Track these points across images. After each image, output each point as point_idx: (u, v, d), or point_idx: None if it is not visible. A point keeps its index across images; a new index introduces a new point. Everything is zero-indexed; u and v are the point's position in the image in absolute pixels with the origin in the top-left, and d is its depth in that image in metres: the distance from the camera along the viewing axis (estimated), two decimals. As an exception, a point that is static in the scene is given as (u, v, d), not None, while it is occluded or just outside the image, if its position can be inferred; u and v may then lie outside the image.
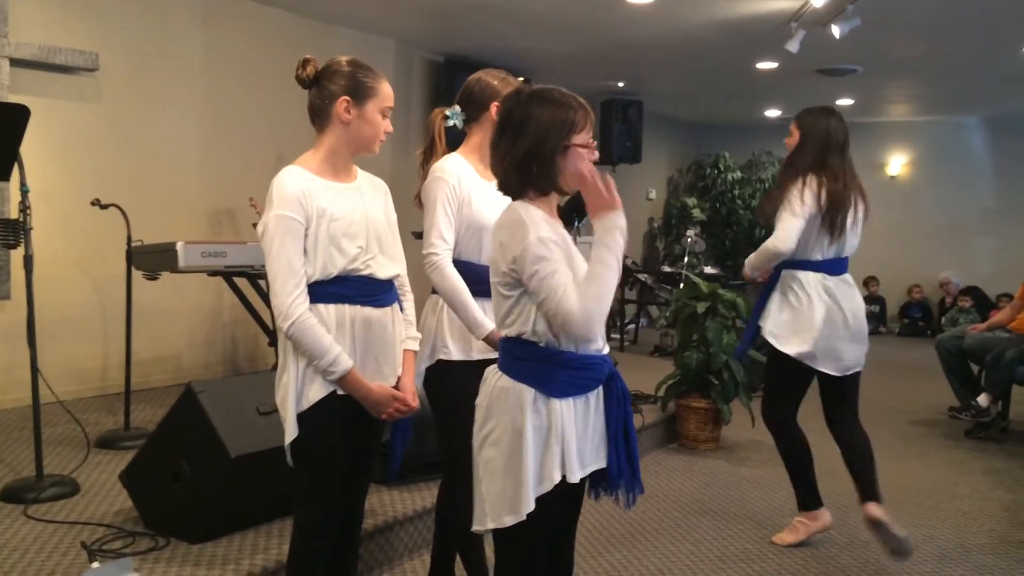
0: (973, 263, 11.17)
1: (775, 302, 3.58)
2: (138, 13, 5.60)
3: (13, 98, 4.57)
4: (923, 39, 6.93)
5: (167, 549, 2.90)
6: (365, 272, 2.24)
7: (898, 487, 4.51)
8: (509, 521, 1.90)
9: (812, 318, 3.45)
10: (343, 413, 2.21)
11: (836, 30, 5.86)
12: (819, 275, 3.51)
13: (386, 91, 2.30)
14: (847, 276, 3.57)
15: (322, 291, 2.18)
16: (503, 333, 2.00)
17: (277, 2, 6.35)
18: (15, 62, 4.88)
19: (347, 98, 2.23)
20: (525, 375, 1.92)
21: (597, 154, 2.03)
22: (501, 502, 1.91)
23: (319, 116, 2.29)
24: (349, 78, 2.24)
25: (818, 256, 3.51)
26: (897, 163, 11.84)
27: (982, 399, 5.77)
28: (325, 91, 2.24)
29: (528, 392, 1.91)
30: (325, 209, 2.19)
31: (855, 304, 3.53)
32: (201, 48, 6.01)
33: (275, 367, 2.34)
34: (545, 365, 1.92)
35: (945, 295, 11.07)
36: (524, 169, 1.96)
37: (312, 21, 6.76)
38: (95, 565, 2.66)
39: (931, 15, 6.22)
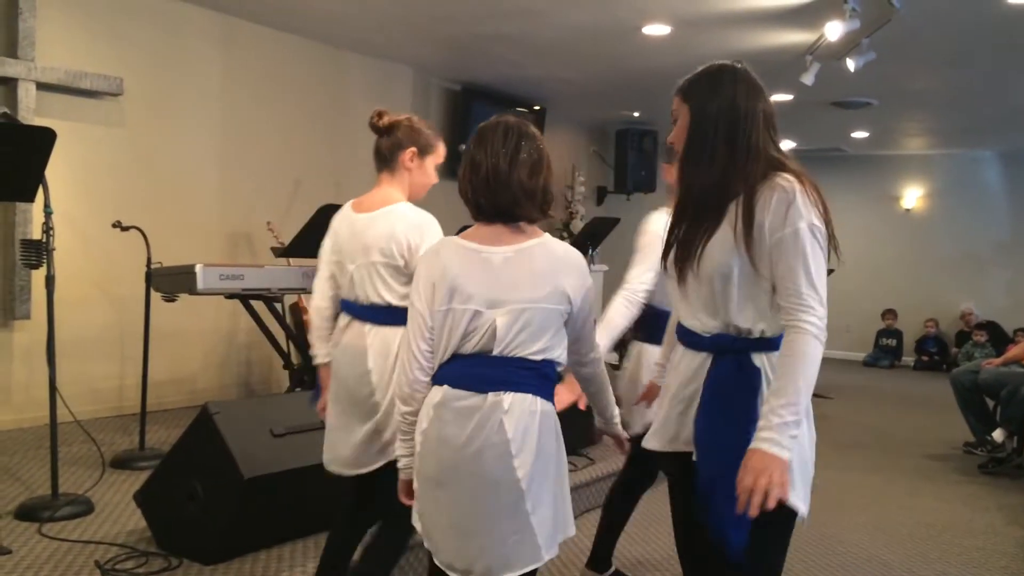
0: (988, 296, 11.12)
1: None
2: (160, 39, 5.70)
3: (39, 121, 4.66)
4: (938, 73, 6.96)
5: (180, 569, 2.92)
6: None
7: (912, 522, 4.47)
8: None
9: None
10: None
11: (851, 64, 5.90)
12: None
13: (441, 150, 2.66)
14: None
15: None
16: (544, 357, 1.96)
17: (296, 29, 6.45)
18: (41, 86, 4.98)
19: (414, 149, 2.57)
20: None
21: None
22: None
23: (385, 160, 2.59)
24: (418, 134, 2.58)
25: None
26: (912, 196, 11.83)
27: (997, 434, 5.73)
28: (396, 141, 2.57)
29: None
30: None
31: None
32: (221, 73, 6.10)
33: (290, 390, 2.38)
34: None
35: (964, 326, 10.99)
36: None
37: (330, 47, 6.86)
38: (108, 584, 2.68)
39: (946, 49, 6.25)
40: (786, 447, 1.73)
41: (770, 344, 1.88)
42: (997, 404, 5.86)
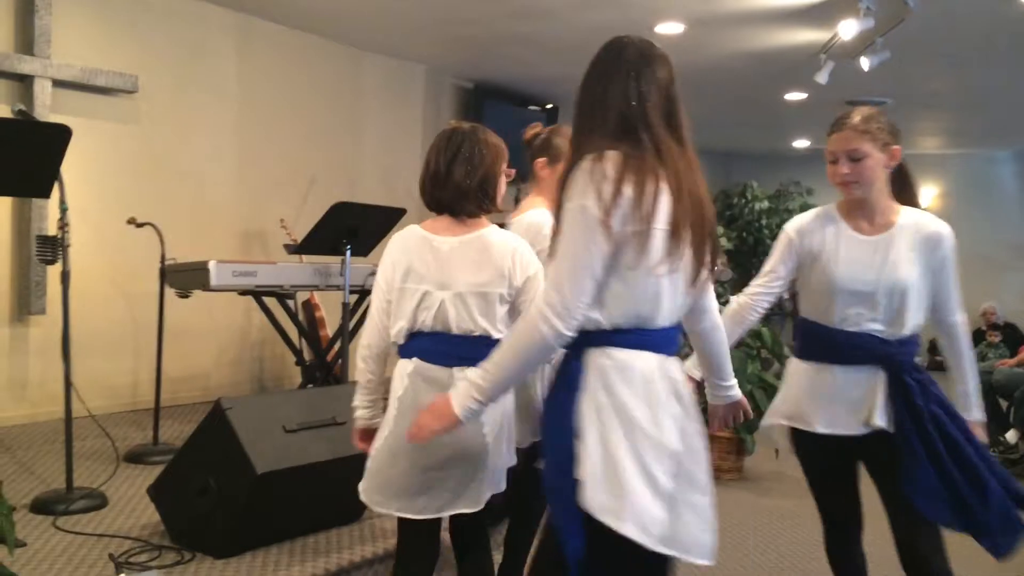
0: (1004, 298, 11.03)
1: None
2: (177, 37, 5.73)
3: (54, 118, 4.68)
4: (953, 72, 6.92)
5: (192, 563, 2.94)
6: None
7: (923, 522, 4.45)
8: None
9: None
10: None
11: (865, 63, 5.88)
12: None
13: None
14: None
15: None
16: None
17: (311, 28, 6.47)
18: (57, 83, 5.01)
19: (544, 159, 2.81)
20: None
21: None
22: None
23: (531, 171, 2.85)
24: (548, 144, 2.79)
25: None
26: (927, 196, 11.75)
27: (1010, 435, 5.70)
28: (531, 152, 2.82)
29: None
30: None
31: None
32: (236, 72, 6.13)
33: (302, 386, 2.42)
34: None
35: (984, 324, 10.89)
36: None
37: (345, 47, 6.88)
38: (122, 577, 2.71)
39: (961, 49, 6.22)
40: (460, 403, 1.76)
41: (599, 339, 1.70)
42: (1010, 405, 5.83)
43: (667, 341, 1.75)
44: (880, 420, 2.34)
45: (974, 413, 2.43)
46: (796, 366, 2.56)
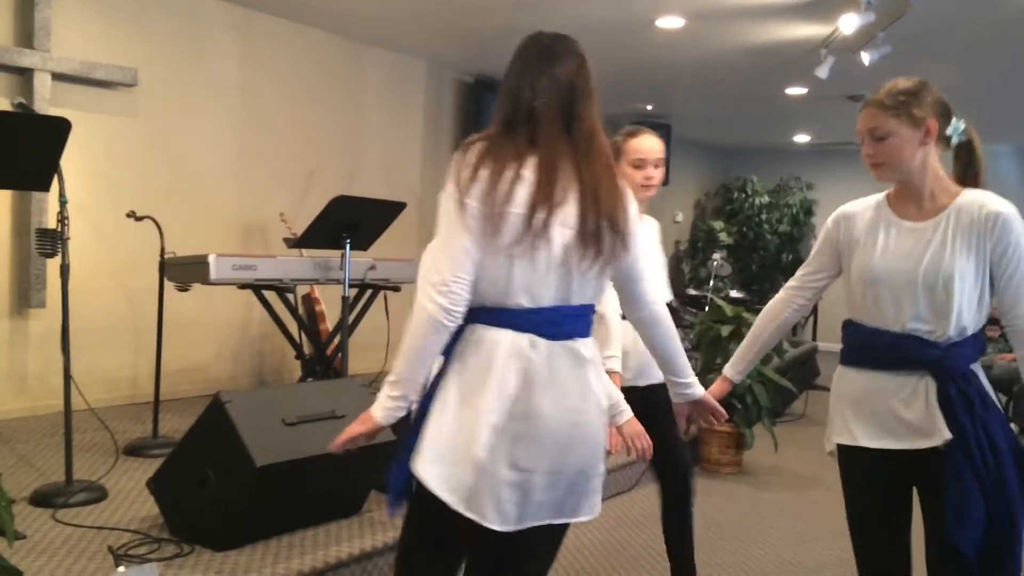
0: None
1: None
2: (176, 30, 5.72)
3: (54, 111, 4.69)
4: (955, 67, 6.91)
5: (192, 556, 2.95)
6: None
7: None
8: None
9: None
10: None
11: (866, 57, 5.87)
12: None
13: (631, 146, 2.85)
14: None
15: None
16: None
17: (312, 21, 6.46)
18: (57, 76, 5.00)
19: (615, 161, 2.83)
20: None
21: None
22: None
23: None
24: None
25: None
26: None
27: (1010, 430, 5.71)
28: None
29: None
30: None
31: None
32: (237, 65, 6.12)
33: (302, 379, 2.39)
34: None
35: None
36: None
37: (346, 40, 6.87)
38: (121, 569, 2.70)
39: (963, 44, 6.21)
40: (377, 405, 1.81)
41: (470, 316, 1.80)
42: (1009, 399, 5.84)
43: (534, 322, 1.78)
44: (929, 434, 2.08)
45: None
46: (839, 373, 2.29)
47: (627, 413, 2.29)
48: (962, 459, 2.02)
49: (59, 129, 3.18)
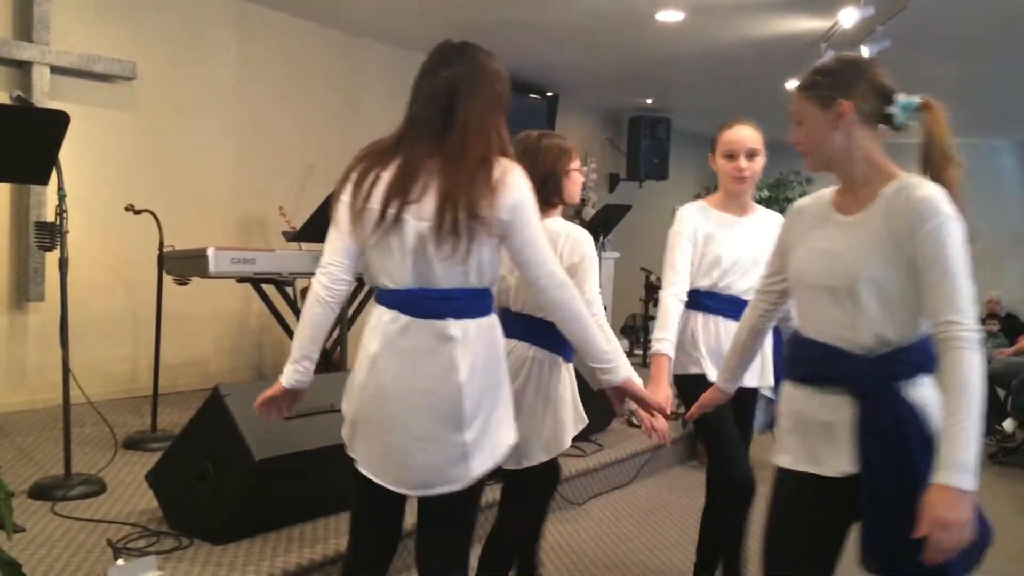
0: (1004, 286, 11.05)
1: None
2: (175, 24, 5.71)
3: (53, 105, 4.67)
4: (954, 61, 6.91)
5: (190, 549, 2.95)
6: None
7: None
8: None
9: None
10: None
11: (865, 51, 5.86)
12: None
13: (722, 138, 2.92)
14: None
15: None
16: None
17: (310, 15, 6.45)
18: (55, 69, 5.00)
19: (712, 153, 2.97)
20: None
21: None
22: None
23: None
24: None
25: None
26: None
27: (1007, 424, 5.72)
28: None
29: None
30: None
31: None
32: (235, 59, 6.11)
33: None
34: None
35: (984, 314, 10.89)
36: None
37: (344, 34, 6.85)
38: (119, 562, 2.71)
39: (962, 38, 6.20)
40: (284, 371, 2.12)
41: None
42: (1008, 394, 5.84)
43: (398, 301, 1.99)
44: (841, 459, 1.82)
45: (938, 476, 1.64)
46: (783, 388, 2.03)
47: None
48: (875, 486, 1.76)
49: (58, 122, 3.18)
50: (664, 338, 2.75)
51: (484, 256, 1.96)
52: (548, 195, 2.57)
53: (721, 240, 2.89)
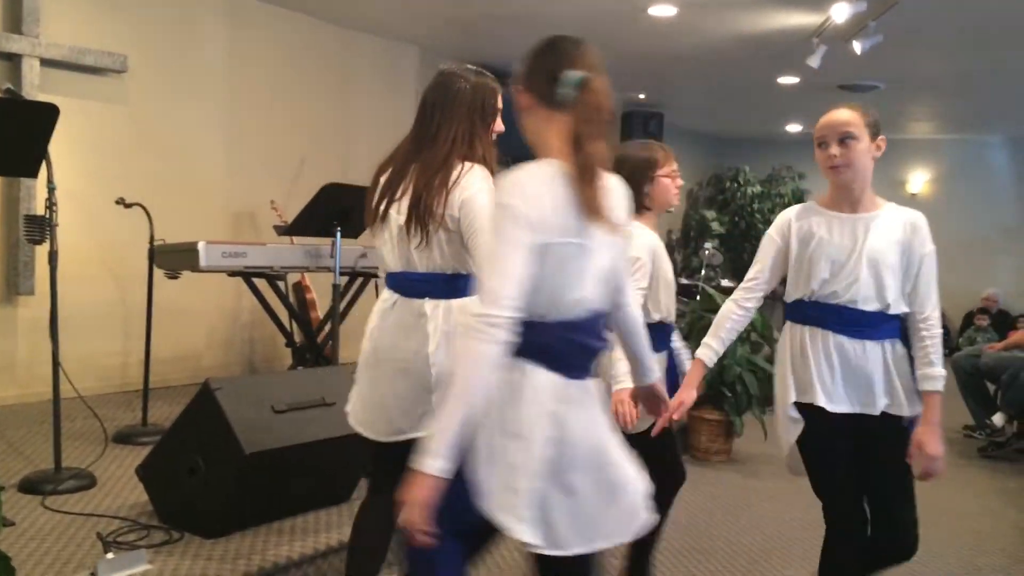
0: (996, 280, 11.09)
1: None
2: (166, 17, 5.69)
3: (43, 97, 4.66)
4: (946, 57, 6.92)
5: (181, 543, 2.95)
6: None
7: (910, 504, 4.49)
8: None
9: None
10: None
11: (858, 46, 5.87)
12: None
13: (816, 126, 2.55)
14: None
15: None
16: None
17: (302, 7, 6.43)
18: (45, 62, 4.97)
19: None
20: None
21: None
22: None
23: None
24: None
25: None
26: (918, 181, 11.79)
27: (997, 418, 5.74)
28: None
29: None
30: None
31: None
32: (226, 52, 6.09)
33: (292, 367, 2.49)
34: None
35: (975, 310, 10.91)
36: None
37: (336, 27, 6.84)
38: (109, 556, 2.71)
39: (954, 33, 6.22)
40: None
41: None
42: (998, 388, 5.87)
43: (393, 283, 2.36)
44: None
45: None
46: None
47: (620, 383, 2.60)
48: None
49: (47, 115, 3.17)
50: (706, 343, 2.63)
51: (444, 245, 2.25)
52: (636, 201, 2.73)
53: (824, 242, 2.50)
